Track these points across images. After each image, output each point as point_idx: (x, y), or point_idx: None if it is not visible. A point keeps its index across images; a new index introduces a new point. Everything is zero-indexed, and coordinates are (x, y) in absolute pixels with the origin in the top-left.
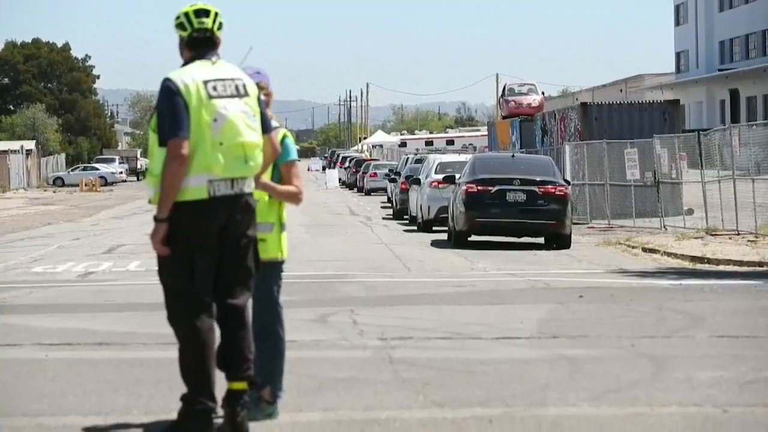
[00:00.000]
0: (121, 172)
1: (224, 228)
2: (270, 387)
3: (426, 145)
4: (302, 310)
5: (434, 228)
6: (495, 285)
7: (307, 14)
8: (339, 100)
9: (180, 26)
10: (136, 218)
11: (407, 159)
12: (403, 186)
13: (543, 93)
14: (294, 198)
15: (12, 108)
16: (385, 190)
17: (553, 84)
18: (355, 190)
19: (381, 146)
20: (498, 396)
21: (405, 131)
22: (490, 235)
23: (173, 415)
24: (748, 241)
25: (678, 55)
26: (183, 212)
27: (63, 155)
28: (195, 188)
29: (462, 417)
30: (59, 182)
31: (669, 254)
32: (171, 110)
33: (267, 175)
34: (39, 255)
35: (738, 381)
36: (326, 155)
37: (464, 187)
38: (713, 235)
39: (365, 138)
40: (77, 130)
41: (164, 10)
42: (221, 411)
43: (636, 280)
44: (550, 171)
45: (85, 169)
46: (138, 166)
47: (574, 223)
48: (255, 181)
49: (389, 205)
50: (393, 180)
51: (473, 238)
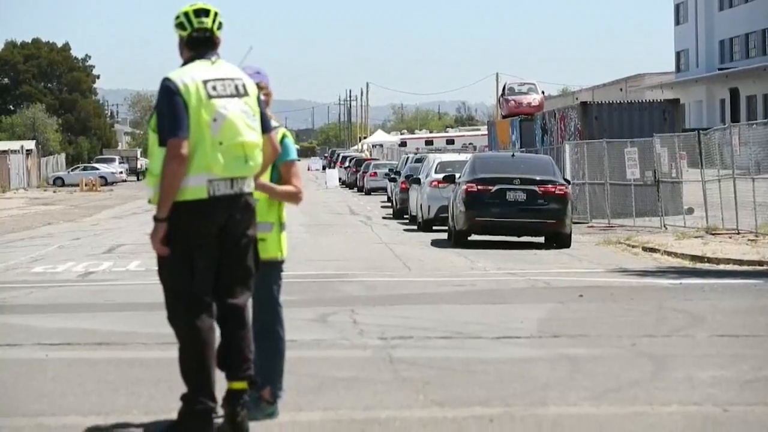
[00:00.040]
0: (121, 172)
1: (224, 228)
2: (270, 387)
3: (426, 145)
4: (302, 310)
5: (434, 227)
6: (495, 284)
7: (307, 14)
8: (339, 100)
9: (180, 26)
10: (136, 218)
11: (407, 158)
12: (403, 185)
13: (543, 92)
14: (293, 198)
15: (12, 108)
16: (385, 190)
17: (553, 83)
18: (355, 190)
19: (381, 146)
20: (498, 395)
21: (405, 131)
22: (490, 235)
23: (173, 415)
24: (749, 240)
25: (678, 55)
26: (183, 212)
27: (63, 155)
28: (195, 188)
29: (462, 416)
30: (59, 182)
31: (669, 253)
32: (170, 110)
33: (267, 175)
34: (39, 255)
35: (738, 380)
36: (326, 155)
37: (464, 187)
38: (713, 234)
39: (365, 137)
40: (77, 130)
41: (164, 10)
42: (221, 411)
43: (636, 280)
44: (550, 170)
45: (85, 169)
46: (138, 166)
47: (575, 223)
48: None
49: (389, 205)
50: (393, 179)
51: (473, 238)
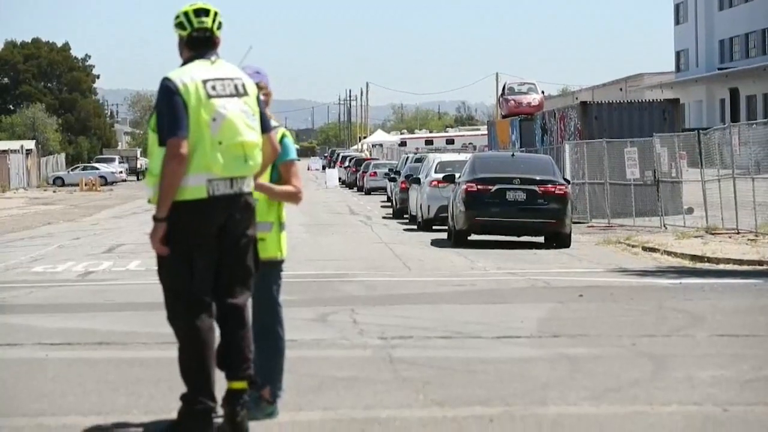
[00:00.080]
0: (121, 172)
1: (223, 227)
2: (270, 386)
3: (426, 145)
4: (302, 310)
5: (434, 227)
6: (495, 284)
7: (307, 14)
8: (339, 100)
9: (179, 26)
10: (136, 218)
11: (407, 158)
12: (403, 185)
13: (543, 92)
14: (293, 198)
15: (12, 108)
16: (385, 190)
17: (553, 83)
18: (355, 190)
19: (381, 145)
20: (498, 395)
21: (405, 130)
22: (490, 235)
23: (173, 415)
24: (748, 240)
25: (678, 54)
26: (182, 212)
27: (63, 155)
28: (194, 187)
29: (462, 416)
30: (59, 182)
31: (669, 253)
32: (170, 110)
33: (266, 175)
34: (39, 255)
35: (738, 380)
36: (326, 154)
37: (464, 186)
38: (713, 234)
39: (365, 137)
40: (77, 130)
41: (164, 10)
42: (221, 410)
43: (636, 279)
44: (550, 170)
45: (85, 169)
46: (138, 166)
47: (574, 222)
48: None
49: (389, 205)
50: (393, 179)
51: (473, 237)
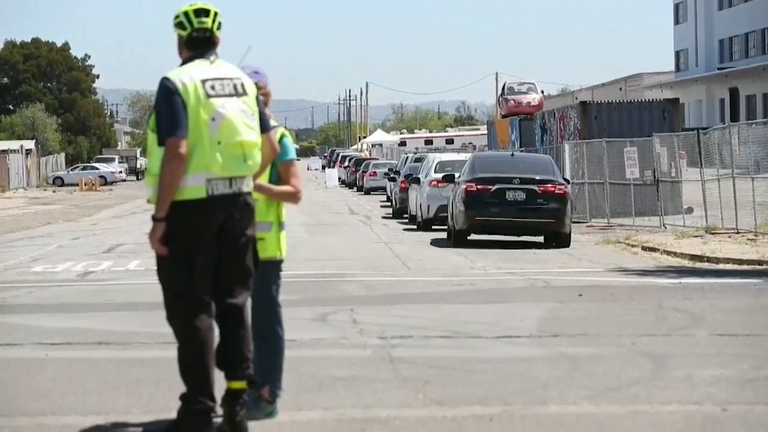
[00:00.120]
0: (121, 172)
1: (223, 227)
2: (269, 386)
3: (425, 144)
4: (302, 309)
5: (434, 227)
6: (495, 284)
7: (307, 13)
8: (338, 99)
9: (179, 25)
10: (136, 217)
11: (407, 158)
12: (403, 185)
13: (542, 92)
14: (292, 198)
15: (11, 108)
16: (385, 189)
17: (553, 83)
18: (355, 189)
19: (380, 145)
20: (498, 394)
21: (404, 130)
22: (490, 234)
23: (173, 415)
24: (748, 240)
25: (677, 54)
26: (181, 211)
27: (62, 155)
28: (193, 187)
29: (462, 415)
30: (59, 182)
31: (669, 253)
32: (169, 109)
33: (266, 175)
34: (39, 254)
35: (738, 379)
36: (326, 154)
37: (464, 186)
38: (713, 234)
39: (365, 137)
40: (77, 130)
41: (164, 10)
42: (221, 410)
43: (636, 279)
44: (550, 170)
45: (85, 169)
46: (137, 166)
47: (574, 222)
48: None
49: (389, 204)
50: (392, 179)
51: (473, 237)
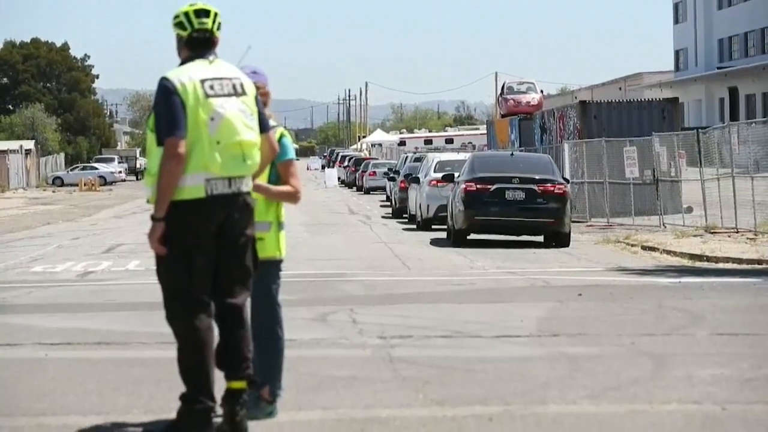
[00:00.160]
0: (120, 172)
1: (222, 227)
2: (269, 386)
3: (425, 144)
4: (302, 309)
5: (433, 226)
6: (494, 283)
7: (307, 13)
8: (338, 99)
9: (179, 25)
10: (136, 217)
11: (406, 158)
12: (402, 185)
13: (542, 91)
14: (291, 198)
15: (11, 108)
16: (385, 189)
17: (552, 82)
18: (355, 189)
19: (380, 145)
20: (498, 394)
21: (404, 130)
22: (489, 234)
23: (173, 415)
24: (747, 239)
25: (677, 53)
26: (181, 211)
27: (62, 155)
28: (192, 187)
29: (462, 415)
30: (58, 182)
31: (668, 252)
32: (168, 109)
33: (265, 175)
34: (38, 255)
35: (738, 378)
36: (325, 154)
37: (463, 186)
38: (712, 233)
39: (364, 137)
40: (76, 130)
41: (163, 10)
42: (221, 410)
43: (635, 278)
44: (549, 169)
45: (85, 169)
46: (137, 166)
47: (574, 222)
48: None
49: (388, 204)
50: (392, 179)
51: (472, 237)
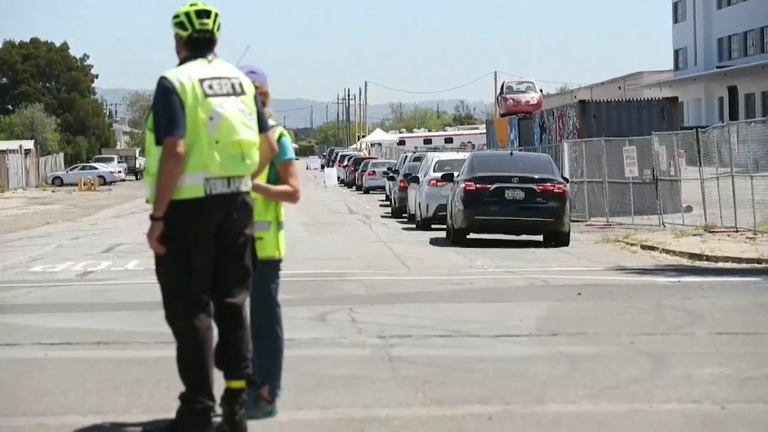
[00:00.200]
0: (120, 172)
1: (221, 226)
2: (269, 385)
3: (424, 143)
4: (301, 309)
5: (433, 226)
6: (494, 282)
7: (306, 13)
8: (337, 99)
9: (180, 25)
10: (135, 217)
11: (406, 157)
12: (402, 184)
13: (541, 91)
14: (290, 197)
15: (10, 108)
16: (384, 189)
17: (552, 82)
18: (354, 189)
19: (379, 144)
20: (497, 393)
21: (403, 129)
22: (489, 233)
23: (172, 414)
24: (747, 238)
25: (676, 53)
26: (180, 210)
27: (62, 155)
28: (191, 186)
29: (461, 414)
30: (58, 182)
31: (668, 251)
32: (167, 109)
33: (264, 175)
34: (38, 254)
35: (737, 378)
36: (325, 154)
37: (463, 185)
38: (712, 232)
39: (364, 136)
40: (76, 130)
41: (163, 10)
42: (220, 410)
43: (635, 278)
44: (549, 168)
45: (84, 169)
46: (137, 166)
47: (573, 221)
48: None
49: (388, 204)
50: (391, 178)
51: (472, 236)
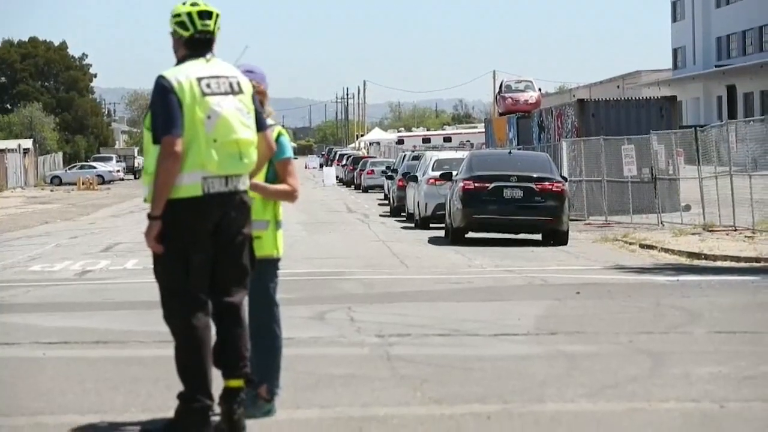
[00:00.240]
0: (119, 171)
1: (219, 225)
2: (267, 384)
3: (423, 142)
4: (300, 308)
5: (431, 225)
6: (492, 281)
7: (305, 12)
8: (336, 98)
9: (181, 25)
10: (134, 216)
11: (404, 156)
12: (401, 183)
13: (540, 90)
14: (288, 197)
15: (9, 107)
16: (383, 188)
17: (550, 80)
18: (353, 188)
19: (378, 143)
20: (496, 392)
21: (402, 128)
22: (488, 232)
23: (171, 413)
24: (746, 237)
25: (675, 52)
26: (177, 209)
27: (60, 154)
28: (189, 185)
29: (460, 413)
30: (56, 181)
31: (666, 250)
32: (164, 108)
33: (262, 174)
34: (36, 254)
35: (736, 376)
36: (323, 153)
37: (461, 184)
38: (710, 231)
39: (362, 135)
40: (74, 129)
41: (161, 9)
42: (218, 409)
43: (633, 277)
44: (547, 167)
45: (83, 168)
46: (135, 165)
47: (572, 220)
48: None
49: (386, 203)
50: (390, 177)
51: (470, 235)
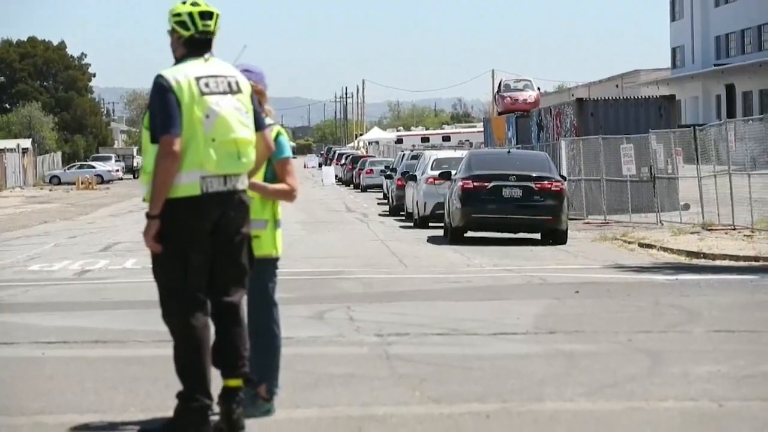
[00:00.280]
0: (118, 170)
1: (217, 225)
2: (266, 384)
3: (422, 142)
4: (299, 307)
5: (430, 224)
6: (491, 281)
7: (304, 12)
8: (335, 97)
9: (182, 24)
10: (133, 216)
11: (403, 155)
12: (399, 182)
13: (539, 89)
14: (287, 196)
15: (8, 106)
16: (381, 187)
17: (549, 80)
18: (352, 187)
19: (377, 143)
20: (495, 391)
21: (401, 128)
22: (486, 231)
23: (170, 413)
24: (744, 236)
25: (674, 51)
26: (176, 209)
27: (59, 153)
28: (187, 185)
29: (459, 412)
30: (55, 180)
31: (665, 249)
32: (163, 107)
33: (261, 173)
34: (35, 253)
35: (735, 375)
36: (322, 152)
37: (460, 183)
38: (709, 230)
39: (361, 135)
40: (73, 129)
41: (160, 9)
42: (218, 408)
43: (632, 276)
44: (546, 167)
45: (82, 167)
46: (134, 164)
47: (571, 219)
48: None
49: (385, 202)
50: (389, 176)
51: (469, 234)
